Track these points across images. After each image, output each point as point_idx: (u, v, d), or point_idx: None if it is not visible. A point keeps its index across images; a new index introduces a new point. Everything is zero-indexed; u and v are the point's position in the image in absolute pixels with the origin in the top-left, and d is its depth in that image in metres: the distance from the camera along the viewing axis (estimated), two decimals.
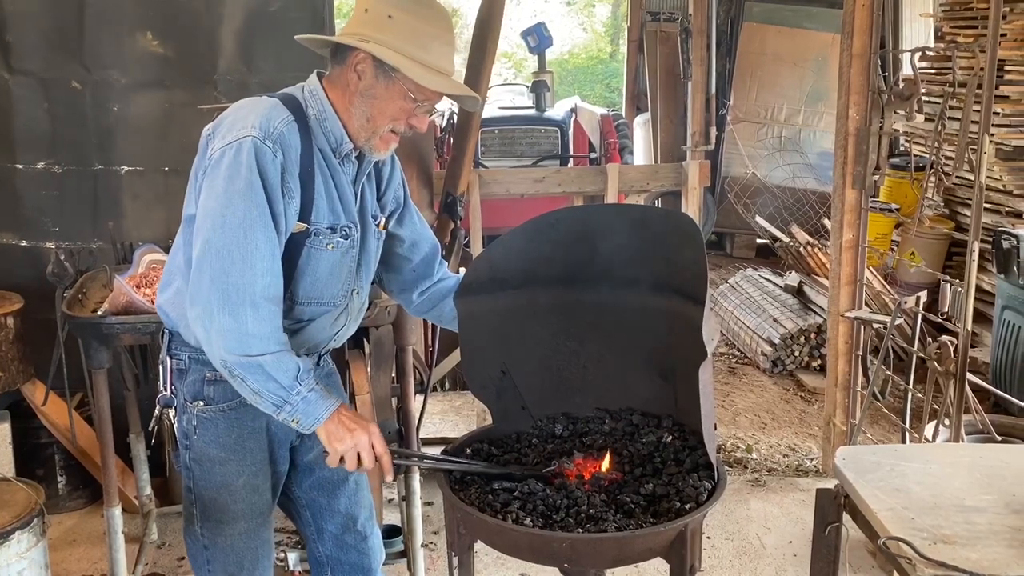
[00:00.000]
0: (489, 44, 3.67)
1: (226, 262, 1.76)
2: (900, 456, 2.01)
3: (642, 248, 1.97)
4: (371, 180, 2.06)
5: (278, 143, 1.80)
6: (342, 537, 2.24)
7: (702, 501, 1.81)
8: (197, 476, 2.02)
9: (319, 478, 2.19)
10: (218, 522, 2.03)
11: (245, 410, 1.96)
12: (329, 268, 1.95)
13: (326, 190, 1.91)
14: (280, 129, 1.81)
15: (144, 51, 3.65)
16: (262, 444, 2.03)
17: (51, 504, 3.34)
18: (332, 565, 2.27)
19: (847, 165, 3.64)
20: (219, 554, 2.06)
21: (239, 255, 1.76)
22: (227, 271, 1.76)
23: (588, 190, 4.28)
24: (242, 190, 1.77)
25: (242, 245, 1.76)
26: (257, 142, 1.78)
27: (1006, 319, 4.31)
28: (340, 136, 1.91)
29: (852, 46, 3.54)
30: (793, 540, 3.48)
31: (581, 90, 16.10)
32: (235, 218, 1.76)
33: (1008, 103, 4.92)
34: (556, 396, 2.20)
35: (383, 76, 1.86)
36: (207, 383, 1.96)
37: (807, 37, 7.74)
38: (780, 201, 7.44)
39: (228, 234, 1.76)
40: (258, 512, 2.06)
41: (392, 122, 1.90)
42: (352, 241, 1.98)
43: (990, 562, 1.57)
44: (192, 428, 2.00)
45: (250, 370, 1.77)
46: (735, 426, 4.59)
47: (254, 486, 2.04)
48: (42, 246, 3.70)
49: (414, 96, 1.87)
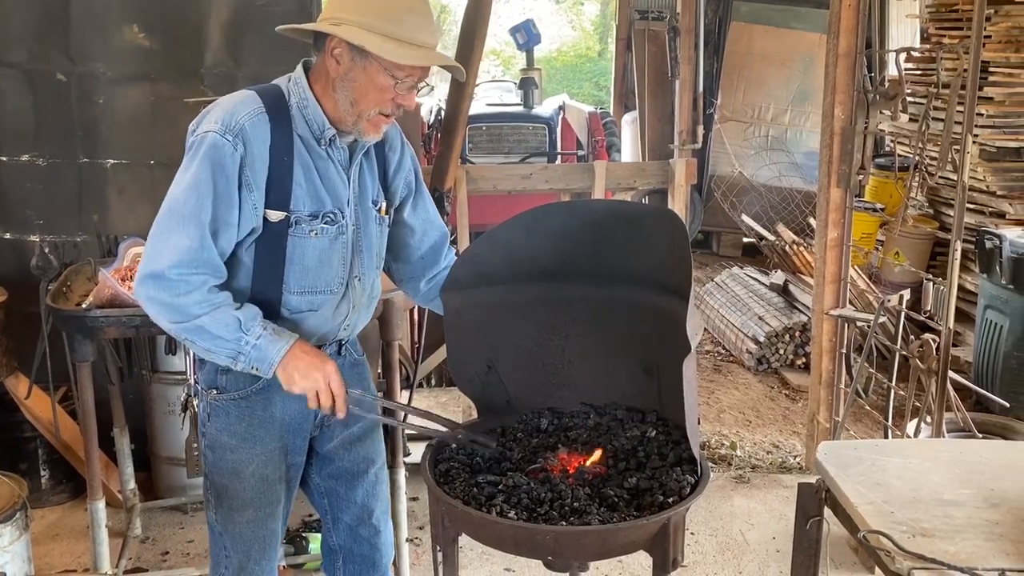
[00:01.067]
0: (477, 40, 3.68)
1: (159, 244, 1.84)
2: (881, 451, 2.03)
3: (627, 243, 1.98)
4: (372, 165, 2.06)
5: (239, 137, 1.84)
6: (356, 529, 2.26)
7: (685, 495, 1.82)
8: (211, 462, 2.06)
9: (338, 468, 2.21)
10: (229, 509, 2.06)
11: (256, 399, 2.00)
12: (317, 256, 1.96)
13: (306, 178, 1.92)
14: (242, 123, 1.85)
15: (130, 44, 3.64)
16: (273, 434, 2.04)
17: (34, 498, 3.32)
18: (344, 555, 2.29)
19: (832, 164, 3.67)
20: (229, 540, 2.09)
21: (172, 238, 1.83)
22: (159, 253, 1.84)
23: (575, 187, 4.29)
24: (189, 182, 1.84)
25: (176, 231, 1.83)
26: (216, 137, 1.84)
27: (988, 318, 4.35)
28: (322, 123, 1.93)
29: (838, 46, 3.57)
30: (776, 536, 3.50)
31: (569, 88, 16.10)
32: (177, 206, 1.84)
33: (992, 104, 4.96)
34: (541, 391, 2.21)
35: (359, 57, 1.86)
36: (220, 372, 1.99)
37: (794, 37, 7.78)
38: (766, 200, 7.48)
39: (172, 219, 1.84)
40: (267, 502, 2.08)
41: (377, 105, 1.90)
42: (340, 228, 1.98)
43: (968, 555, 1.59)
44: (207, 416, 2.03)
45: (193, 332, 1.86)
46: (720, 423, 4.61)
47: (263, 475, 2.05)
48: (26, 239, 3.68)
49: (392, 74, 1.86)
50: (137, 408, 3.59)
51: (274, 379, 1.92)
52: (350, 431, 2.20)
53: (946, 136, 3.23)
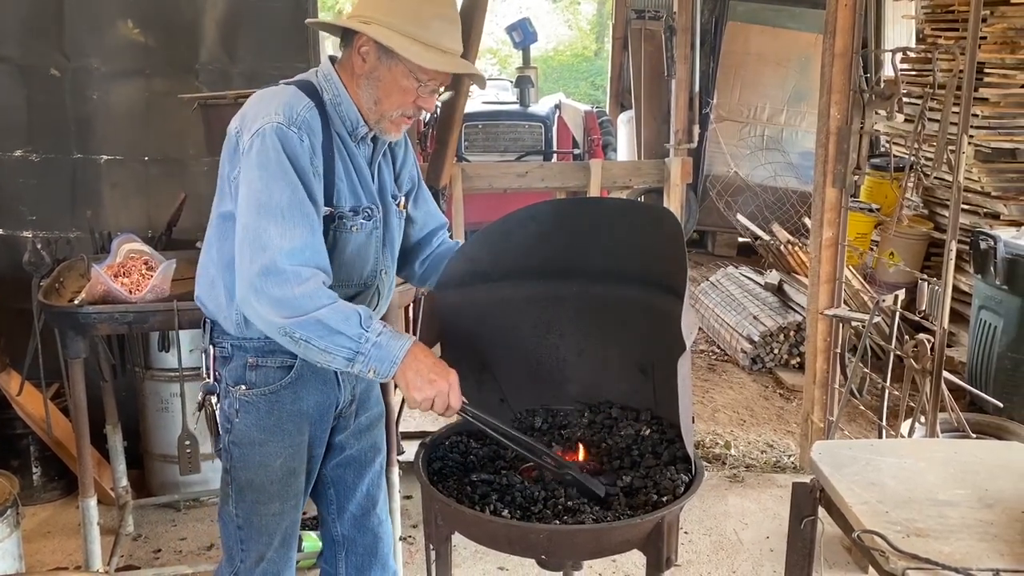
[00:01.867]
0: (472, 38, 3.67)
1: (264, 239, 1.77)
2: (875, 451, 2.03)
3: (622, 241, 1.98)
4: (387, 161, 2.09)
5: (303, 128, 1.84)
6: (361, 519, 2.26)
7: (679, 494, 1.82)
8: (236, 458, 2.04)
9: (348, 457, 2.21)
10: (254, 502, 2.06)
11: (285, 393, 2.00)
12: (356, 250, 1.97)
13: (346, 173, 1.94)
14: (303, 115, 1.85)
15: (125, 39, 3.62)
16: (301, 427, 2.05)
17: (25, 495, 3.31)
18: (348, 546, 2.28)
19: (828, 164, 3.67)
20: (253, 533, 2.08)
21: (276, 232, 1.77)
22: (266, 247, 1.77)
23: (571, 185, 4.29)
24: (275, 173, 1.79)
25: (279, 223, 1.78)
26: (282, 128, 1.81)
27: (982, 319, 4.35)
28: (356, 119, 1.94)
29: (834, 45, 3.56)
30: (770, 535, 3.50)
31: (565, 87, 16.10)
32: (271, 200, 1.79)
33: (987, 105, 4.96)
34: (536, 389, 2.20)
35: (386, 58, 1.88)
36: (249, 368, 1.99)
37: (790, 37, 7.78)
38: (761, 200, 7.48)
39: (265, 215, 1.78)
40: (292, 494, 2.08)
41: (400, 106, 1.92)
42: (375, 222, 2.00)
43: (962, 555, 1.58)
44: (234, 411, 2.02)
45: (311, 328, 1.75)
46: (714, 422, 4.61)
47: (291, 468, 2.06)
48: (19, 235, 3.66)
49: (416, 76, 1.88)
50: (130, 405, 3.57)
51: (301, 372, 1.94)
52: (360, 420, 2.21)
53: (942, 136, 3.23)
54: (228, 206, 1.90)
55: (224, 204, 1.92)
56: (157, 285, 2.68)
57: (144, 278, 2.75)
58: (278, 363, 1.99)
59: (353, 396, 2.17)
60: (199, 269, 2.06)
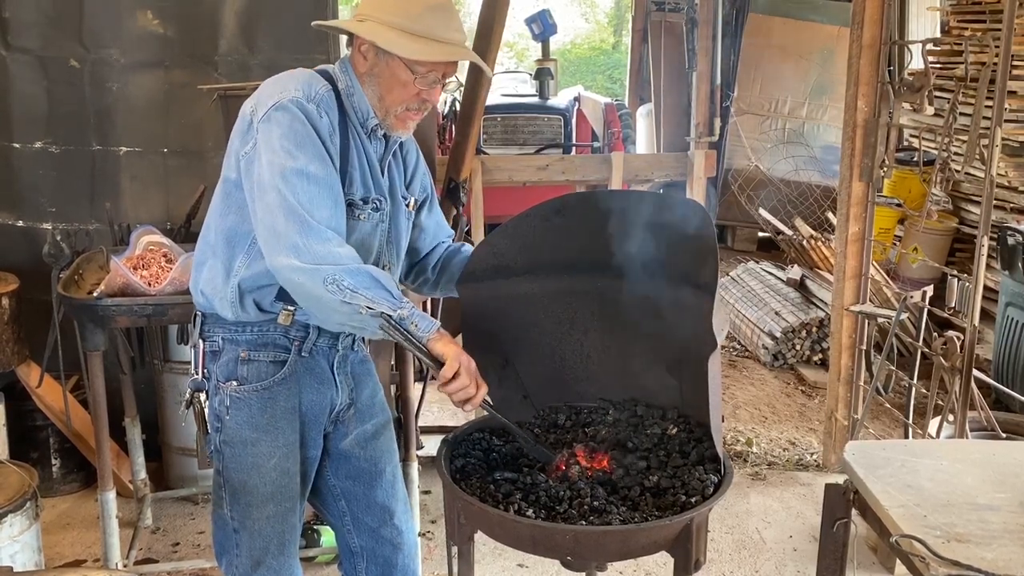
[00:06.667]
0: (495, 32, 3.61)
1: (292, 203, 1.76)
2: (910, 452, 1.98)
3: (649, 235, 1.93)
4: (398, 163, 2.09)
5: (323, 105, 1.85)
6: (378, 531, 2.20)
7: (708, 495, 1.78)
8: (227, 458, 2.01)
9: (355, 467, 2.17)
10: (247, 504, 2.02)
11: (278, 389, 1.98)
12: (360, 240, 1.95)
13: (359, 162, 1.95)
14: (322, 94, 1.87)
15: (144, 30, 3.60)
16: (294, 425, 2.02)
17: (45, 487, 3.31)
18: (367, 557, 2.23)
19: (854, 157, 3.60)
20: (247, 537, 2.04)
21: (306, 198, 1.77)
22: (295, 208, 1.76)
23: (592, 178, 4.23)
24: (299, 141, 1.80)
25: (308, 188, 1.78)
26: (302, 102, 1.83)
27: (1009, 316, 4.28)
28: (367, 111, 1.95)
29: (862, 36, 3.49)
30: (793, 535, 3.45)
31: (583, 81, 15.99)
32: (296, 165, 1.78)
33: (1016, 99, 4.87)
34: (559, 386, 2.17)
35: (382, 54, 1.90)
36: (240, 363, 1.96)
37: (812, 29, 7.68)
38: (783, 194, 7.39)
39: (293, 182, 1.77)
40: (287, 496, 2.05)
41: (403, 100, 1.92)
42: (382, 215, 2.00)
43: (1006, 562, 1.53)
44: (225, 409, 1.98)
45: (360, 277, 1.75)
46: (736, 419, 4.56)
47: (284, 468, 2.02)
48: (38, 226, 3.66)
49: (412, 69, 1.88)
50: (149, 398, 3.56)
51: (295, 368, 1.94)
52: (364, 428, 2.16)
53: (974, 130, 3.16)
54: (231, 175, 1.89)
55: (228, 170, 1.91)
56: (176, 277, 2.66)
57: (163, 270, 2.74)
58: (270, 357, 1.97)
59: (352, 400, 2.13)
60: (196, 256, 2.03)
